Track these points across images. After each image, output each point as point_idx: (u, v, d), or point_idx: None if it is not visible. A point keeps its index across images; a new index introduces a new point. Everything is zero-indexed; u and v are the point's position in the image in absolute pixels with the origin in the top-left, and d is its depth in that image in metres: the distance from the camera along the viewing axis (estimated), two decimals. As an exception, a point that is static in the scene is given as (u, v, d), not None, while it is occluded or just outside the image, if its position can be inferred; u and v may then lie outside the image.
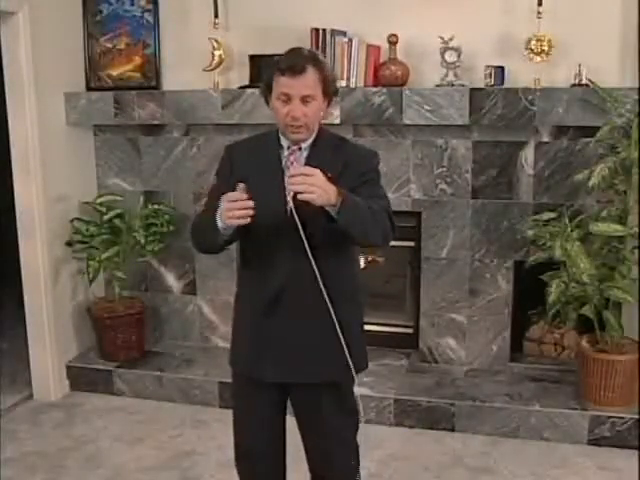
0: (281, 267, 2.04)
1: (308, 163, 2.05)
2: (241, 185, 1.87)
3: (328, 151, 2.08)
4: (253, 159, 2.09)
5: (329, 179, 1.87)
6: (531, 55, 3.30)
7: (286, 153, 2.07)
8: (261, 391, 2.16)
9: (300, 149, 2.07)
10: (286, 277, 2.04)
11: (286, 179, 1.99)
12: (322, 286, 2.00)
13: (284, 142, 2.08)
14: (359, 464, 2.32)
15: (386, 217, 2.04)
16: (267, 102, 2.08)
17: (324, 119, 2.14)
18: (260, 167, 2.06)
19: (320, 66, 2.00)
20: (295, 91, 1.96)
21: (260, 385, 2.14)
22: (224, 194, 1.93)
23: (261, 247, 2.07)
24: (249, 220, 1.87)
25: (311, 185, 1.83)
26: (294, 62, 1.96)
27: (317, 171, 1.86)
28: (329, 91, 2.04)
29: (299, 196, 1.84)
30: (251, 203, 1.86)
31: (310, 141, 2.08)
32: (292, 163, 2.06)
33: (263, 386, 2.14)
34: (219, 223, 1.93)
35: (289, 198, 1.98)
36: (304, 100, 1.97)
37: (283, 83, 1.97)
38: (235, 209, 1.86)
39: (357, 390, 3.42)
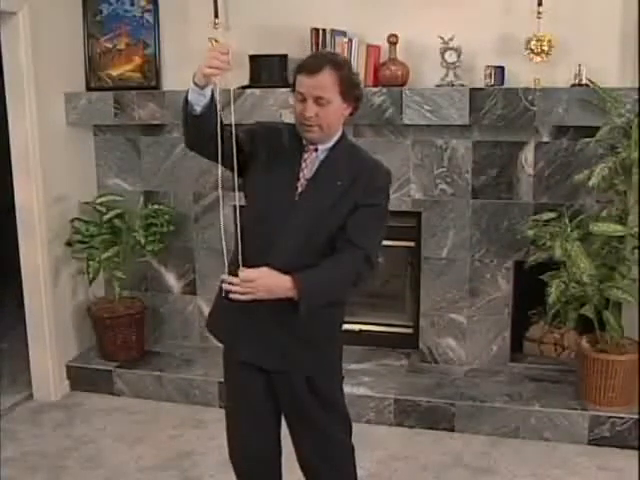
0: (276, 258, 2.02)
1: (321, 167, 2.07)
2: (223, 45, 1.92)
3: (343, 159, 2.09)
4: (279, 148, 2.10)
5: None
6: (531, 55, 3.30)
7: (304, 150, 2.09)
8: (250, 383, 2.18)
9: (317, 150, 2.08)
10: (279, 269, 2.02)
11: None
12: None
13: (304, 141, 2.09)
14: (354, 466, 2.32)
15: (361, 262, 2.03)
16: None
17: (345, 124, 2.13)
18: (281, 158, 2.07)
19: (338, 68, 1.99)
20: (308, 90, 1.98)
21: (247, 372, 2.16)
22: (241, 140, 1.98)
23: (261, 233, 2.07)
24: (218, 72, 1.89)
25: (253, 289, 1.92)
26: (311, 62, 2.00)
27: (257, 275, 1.93)
28: (349, 94, 2.03)
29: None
30: (227, 58, 1.90)
31: (329, 145, 2.09)
32: (305, 161, 2.08)
33: (251, 376, 2.16)
34: (191, 88, 1.93)
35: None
36: (317, 101, 1.98)
37: (300, 82, 2.00)
38: (215, 58, 1.89)
39: (357, 391, 3.44)
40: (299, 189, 2.07)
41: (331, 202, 2.04)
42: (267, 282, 1.95)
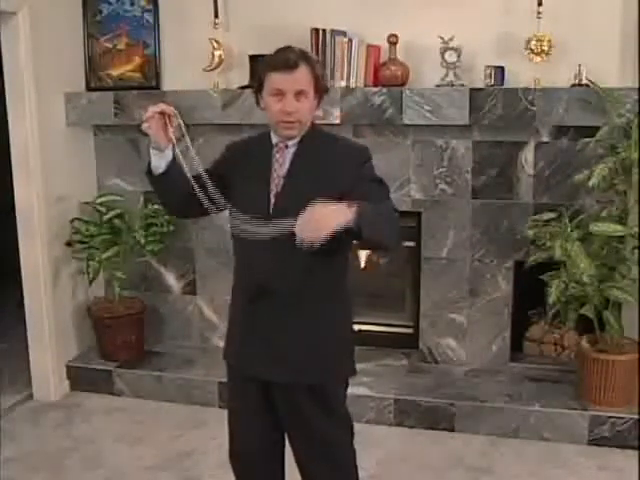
0: (262, 264, 2.03)
1: (294, 160, 2.05)
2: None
3: (314, 149, 2.06)
4: (247, 159, 2.10)
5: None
6: (531, 55, 3.30)
7: (275, 150, 2.07)
8: (250, 386, 2.16)
9: (287, 146, 2.06)
10: (266, 275, 2.03)
11: (271, 183, 2.03)
12: (303, 285, 2.02)
13: (274, 139, 2.08)
14: (356, 469, 2.28)
15: (394, 212, 2.02)
16: (257, 102, 2.08)
17: (316, 118, 2.14)
18: (251, 166, 2.07)
19: (311, 63, 2.01)
20: (288, 86, 1.96)
21: (248, 379, 2.15)
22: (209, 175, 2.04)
23: (245, 243, 2.06)
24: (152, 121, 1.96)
25: (317, 228, 1.74)
26: (286, 58, 1.97)
27: (314, 210, 1.75)
28: (320, 89, 2.04)
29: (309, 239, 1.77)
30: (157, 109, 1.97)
31: (297, 138, 2.07)
32: (277, 161, 2.06)
33: (251, 381, 2.14)
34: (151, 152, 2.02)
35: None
36: (297, 96, 1.97)
37: (276, 79, 1.97)
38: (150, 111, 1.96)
39: (357, 391, 3.44)
40: (274, 190, 2.04)
41: (314, 192, 1.95)
42: (323, 210, 1.76)
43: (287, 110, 1.97)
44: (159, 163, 2.03)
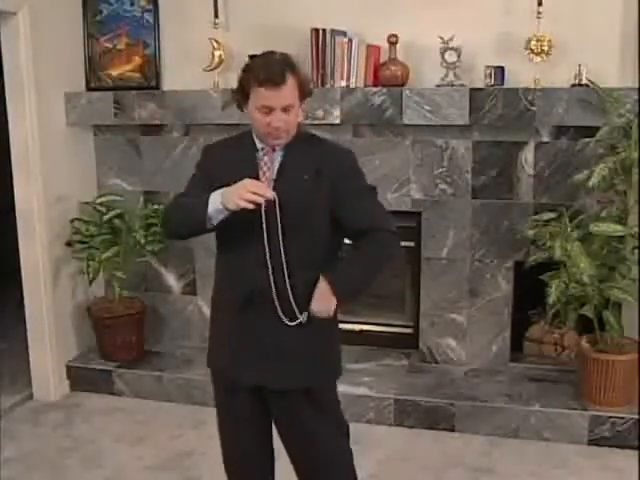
0: (250, 269, 2.02)
1: (283, 164, 2.04)
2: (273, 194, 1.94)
3: (302, 152, 2.05)
4: (229, 160, 2.08)
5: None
6: (531, 55, 3.30)
7: (261, 154, 2.06)
8: (242, 394, 2.14)
9: (274, 150, 2.05)
10: (255, 280, 2.02)
11: (263, 183, 2.02)
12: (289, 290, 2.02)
13: (259, 144, 2.06)
14: (354, 470, 2.27)
15: (386, 241, 2.04)
16: (240, 107, 2.06)
17: (302, 119, 2.13)
18: (235, 168, 2.04)
19: (296, 71, 1.99)
20: (276, 103, 1.94)
21: (237, 387, 2.13)
22: (214, 187, 1.98)
23: (232, 248, 2.06)
24: (253, 206, 1.90)
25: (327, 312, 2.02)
26: (272, 73, 1.93)
27: (320, 306, 2.01)
28: (305, 93, 2.04)
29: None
30: (269, 195, 1.92)
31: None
32: (266, 164, 2.05)
33: (240, 389, 2.13)
34: (214, 206, 1.94)
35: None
36: (285, 109, 1.96)
37: (263, 96, 1.94)
38: (252, 193, 1.88)
39: (356, 390, 3.44)
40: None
41: (306, 193, 2.01)
42: (319, 303, 2.01)
43: (275, 125, 1.96)
44: (217, 215, 1.96)
